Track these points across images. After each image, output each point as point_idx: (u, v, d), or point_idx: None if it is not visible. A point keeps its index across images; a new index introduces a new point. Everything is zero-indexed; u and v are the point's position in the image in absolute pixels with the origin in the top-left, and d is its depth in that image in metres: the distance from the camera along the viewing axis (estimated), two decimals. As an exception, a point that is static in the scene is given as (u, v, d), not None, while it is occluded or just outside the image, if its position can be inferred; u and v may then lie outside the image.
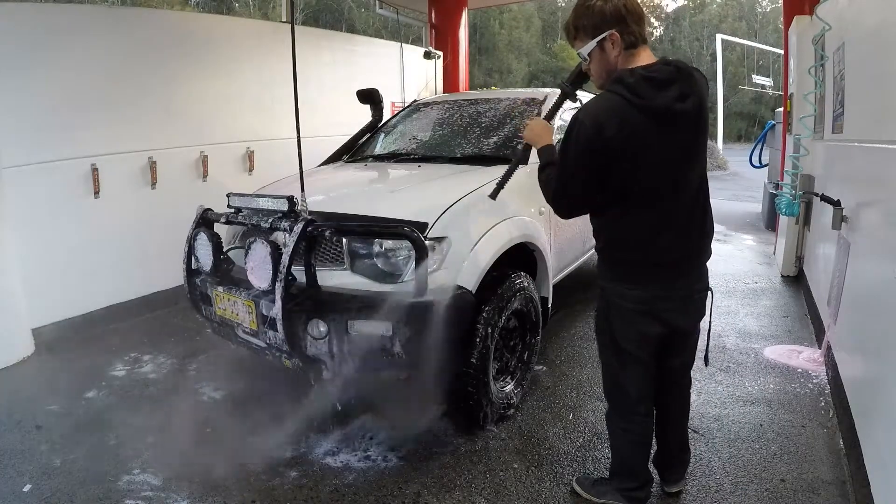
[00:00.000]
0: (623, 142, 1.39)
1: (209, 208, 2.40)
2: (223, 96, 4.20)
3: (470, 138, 3.05)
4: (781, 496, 1.91)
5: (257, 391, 2.74)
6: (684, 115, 1.41)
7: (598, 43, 1.47)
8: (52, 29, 3.22)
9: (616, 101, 1.40)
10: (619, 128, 1.38)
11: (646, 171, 1.43)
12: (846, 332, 2.44)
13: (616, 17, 1.43)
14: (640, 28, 1.45)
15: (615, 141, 1.39)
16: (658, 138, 1.40)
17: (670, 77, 1.41)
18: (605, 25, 1.44)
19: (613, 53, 1.46)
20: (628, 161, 1.42)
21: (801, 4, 4.26)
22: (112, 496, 1.98)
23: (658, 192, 1.47)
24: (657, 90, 1.39)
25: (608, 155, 1.41)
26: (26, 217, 3.17)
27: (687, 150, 1.47)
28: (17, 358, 3.11)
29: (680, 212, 1.50)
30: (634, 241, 1.53)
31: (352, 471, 2.09)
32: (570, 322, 3.54)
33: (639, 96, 1.38)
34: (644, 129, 1.39)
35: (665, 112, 1.39)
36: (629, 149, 1.40)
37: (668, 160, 1.44)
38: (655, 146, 1.41)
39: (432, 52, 6.43)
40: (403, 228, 1.90)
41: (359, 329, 1.93)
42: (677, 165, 1.47)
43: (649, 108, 1.38)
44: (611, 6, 1.44)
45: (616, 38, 1.44)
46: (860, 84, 2.48)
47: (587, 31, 1.48)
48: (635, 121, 1.38)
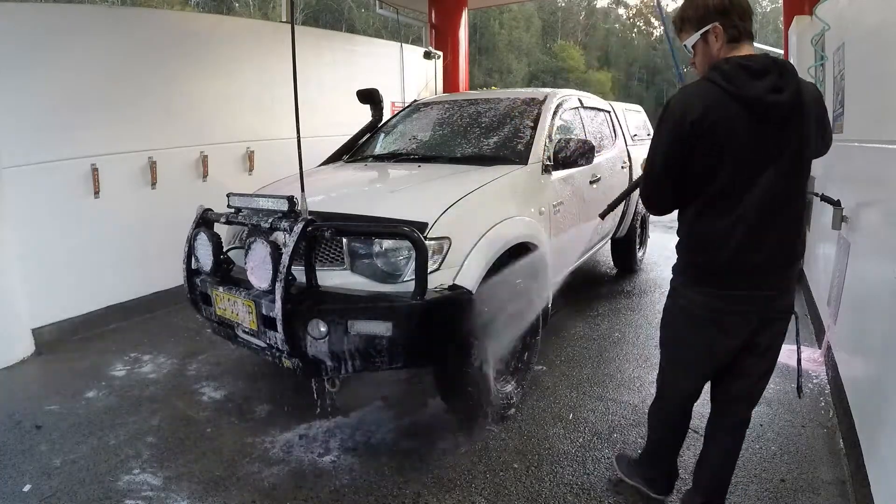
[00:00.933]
0: (708, 127, 1.37)
1: (209, 208, 2.40)
2: (223, 96, 4.21)
3: (470, 138, 3.05)
4: (781, 496, 1.91)
5: (257, 391, 2.75)
6: (776, 108, 1.36)
7: (701, 35, 1.47)
8: (52, 29, 3.22)
9: (707, 87, 1.40)
10: (705, 112, 1.36)
11: (728, 161, 1.38)
12: (846, 332, 2.44)
13: (720, 10, 1.44)
14: (743, 23, 1.44)
15: (699, 125, 1.37)
16: (746, 129, 1.37)
17: (766, 68, 1.37)
18: (710, 18, 1.45)
19: (716, 46, 1.45)
20: (711, 148, 1.38)
21: (801, 4, 4.27)
22: (112, 496, 1.98)
23: (736, 188, 1.40)
24: (751, 79, 1.36)
25: (691, 140, 1.39)
26: (26, 217, 3.17)
27: (775, 147, 1.38)
28: (17, 358, 3.11)
29: (756, 215, 1.40)
30: (704, 242, 1.48)
31: (352, 471, 2.09)
32: (570, 322, 3.55)
33: (732, 83, 1.36)
34: (732, 117, 1.36)
35: (756, 102, 1.35)
36: (713, 135, 1.37)
37: (754, 155, 1.39)
38: (742, 137, 1.37)
39: (432, 52, 6.44)
40: (403, 228, 1.90)
41: (359, 329, 1.92)
42: (762, 163, 1.39)
43: (741, 96, 1.35)
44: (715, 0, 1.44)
45: (719, 31, 1.44)
46: (860, 84, 2.48)
47: (692, 24, 1.49)
48: (724, 107, 1.36)
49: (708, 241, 1.47)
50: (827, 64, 3.24)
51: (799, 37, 4.09)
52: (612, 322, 3.57)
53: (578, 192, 3.15)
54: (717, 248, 1.45)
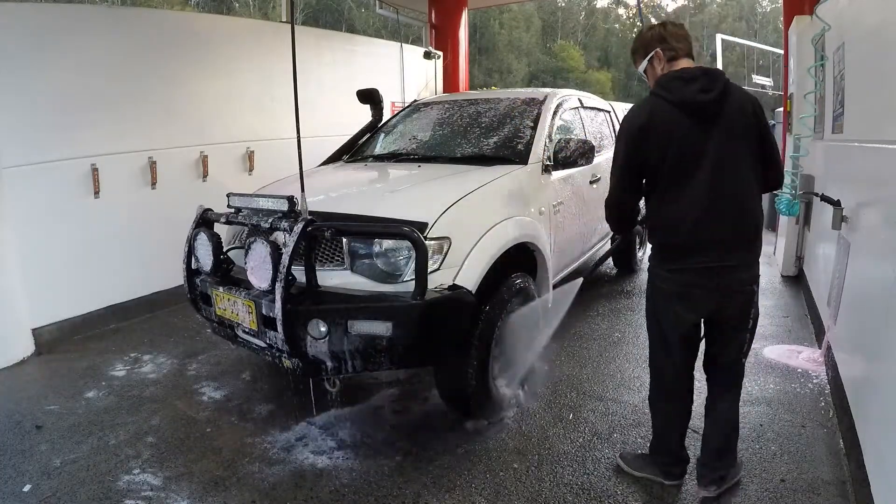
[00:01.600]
0: (652, 128, 1.66)
1: (209, 208, 2.40)
2: (223, 96, 4.21)
3: (470, 138, 3.05)
4: (781, 496, 1.91)
5: (257, 391, 2.75)
6: (705, 105, 1.64)
7: (648, 60, 1.80)
8: (52, 29, 3.22)
9: (650, 99, 1.73)
10: (650, 117, 1.67)
11: (673, 154, 1.65)
12: (846, 332, 2.44)
13: (658, 38, 1.77)
14: (679, 44, 1.76)
15: (645, 129, 1.67)
16: (686, 124, 1.65)
17: (695, 76, 1.68)
18: (652, 46, 1.78)
19: (659, 66, 1.78)
20: (658, 145, 1.66)
21: (801, 4, 4.27)
22: (112, 496, 1.98)
23: (684, 175, 1.66)
24: (684, 85, 1.67)
25: (641, 142, 1.68)
26: (26, 217, 3.17)
27: (710, 138, 1.65)
28: (17, 358, 3.11)
29: (706, 197, 1.65)
30: (667, 224, 1.73)
31: (352, 471, 2.09)
32: (570, 322, 3.54)
33: (668, 91, 1.68)
34: (672, 118, 1.65)
35: (689, 102, 1.65)
36: (658, 135, 1.66)
37: (693, 146, 1.65)
38: (683, 131, 1.65)
39: (432, 52, 6.43)
40: (403, 228, 1.90)
41: (359, 329, 1.92)
42: (701, 152, 1.65)
43: (676, 100, 1.66)
44: (654, 32, 1.80)
45: (660, 54, 1.77)
46: (860, 84, 2.48)
47: (640, 54, 1.83)
48: (665, 111, 1.66)
49: (670, 223, 1.72)
50: (827, 64, 3.24)
51: (799, 37, 4.09)
52: (612, 322, 3.57)
53: (578, 192, 3.15)
54: (677, 228, 1.69)
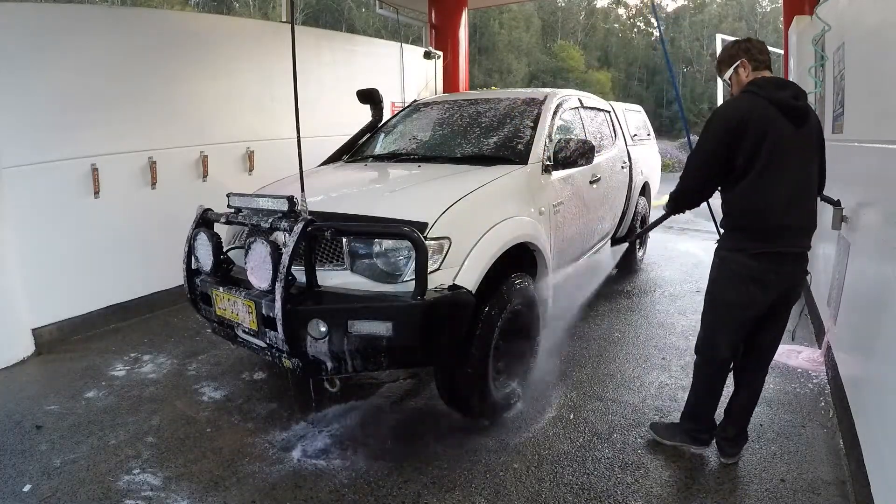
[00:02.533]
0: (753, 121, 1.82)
1: (209, 208, 2.40)
2: (223, 96, 4.21)
3: (470, 138, 3.05)
4: (781, 496, 1.91)
5: (257, 391, 2.75)
6: (797, 110, 1.85)
7: (734, 69, 1.99)
8: (52, 29, 3.22)
9: (747, 96, 1.89)
10: (749, 111, 1.83)
11: (767, 147, 1.81)
12: (846, 332, 2.44)
13: (744, 49, 1.98)
14: (762, 56, 1.98)
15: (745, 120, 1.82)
16: (779, 120, 1.82)
17: (787, 84, 1.94)
18: (738, 56, 1.99)
19: (744, 74, 1.98)
20: (755, 138, 1.82)
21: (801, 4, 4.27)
22: (112, 496, 1.98)
23: (775, 167, 1.83)
24: (778, 89, 1.87)
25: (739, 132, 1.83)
26: (26, 217, 3.17)
27: (798, 138, 1.85)
28: (17, 358, 3.11)
29: (790, 189, 1.84)
30: (755, 210, 1.87)
31: (352, 471, 2.09)
32: (570, 322, 3.54)
33: (765, 91, 1.86)
34: (768, 113, 1.82)
35: (784, 103, 1.84)
36: (756, 128, 1.81)
37: (785, 143, 1.82)
38: (776, 125, 1.82)
39: (432, 52, 6.43)
40: (403, 228, 1.90)
41: (359, 329, 1.92)
42: (790, 149, 1.84)
43: (772, 98, 1.84)
44: (742, 44, 2.01)
45: (746, 64, 1.97)
46: (860, 84, 2.48)
47: (726, 63, 2.02)
48: (762, 108, 1.83)
49: (758, 209, 1.86)
50: (827, 64, 3.24)
51: (799, 37, 4.09)
52: (612, 322, 3.57)
53: (578, 192, 3.15)
54: (765, 214, 1.86)
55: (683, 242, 5.78)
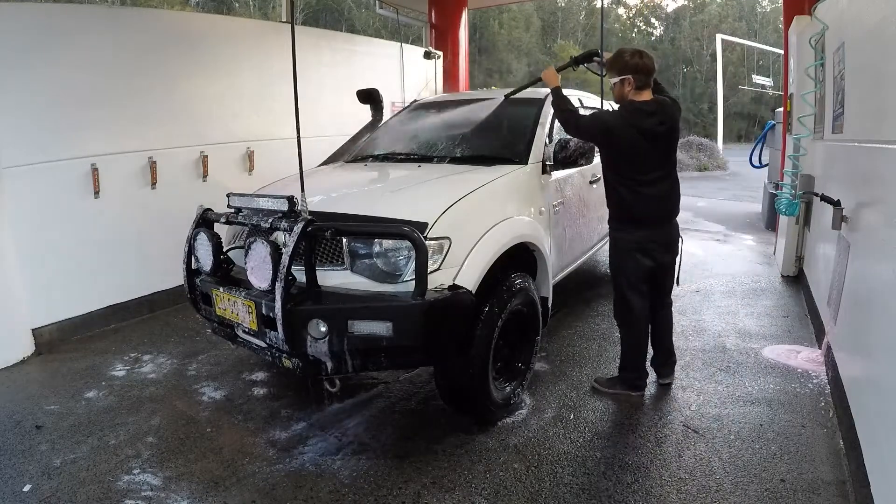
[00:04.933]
0: (617, 138, 2.35)
1: (209, 208, 2.40)
2: (223, 96, 4.20)
3: (470, 138, 3.05)
4: (781, 496, 1.91)
5: (257, 391, 2.75)
6: (660, 134, 2.36)
7: (620, 79, 2.37)
8: (52, 29, 3.22)
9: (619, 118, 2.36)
10: (616, 129, 2.35)
11: (636, 161, 2.37)
12: (846, 332, 2.44)
13: (633, 69, 2.34)
14: (647, 78, 2.37)
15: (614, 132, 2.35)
16: (641, 144, 2.34)
17: (655, 110, 2.35)
18: (626, 71, 2.35)
19: (626, 89, 2.37)
20: (620, 150, 2.37)
21: (801, 4, 4.26)
22: (112, 496, 1.98)
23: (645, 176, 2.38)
24: (646, 117, 2.33)
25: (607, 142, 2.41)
26: (26, 217, 3.17)
27: (657, 152, 2.39)
28: (17, 358, 3.11)
29: (657, 189, 2.40)
30: (636, 204, 2.40)
31: (351, 471, 2.09)
32: (570, 321, 3.55)
33: (633, 118, 2.33)
34: (633, 137, 2.33)
35: (648, 131, 2.33)
36: (621, 143, 2.35)
37: (647, 157, 2.37)
38: (639, 148, 2.34)
39: (432, 52, 6.43)
40: (403, 228, 1.90)
41: (359, 329, 1.92)
42: (653, 161, 2.39)
43: (638, 126, 2.32)
44: (635, 61, 2.34)
45: (631, 81, 2.35)
46: (860, 84, 2.48)
47: (616, 70, 2.38)
48: (628, 132, 2.33)
49: (633, 203, 2.41)
50: (827, 64, 3.23)
51: (799, 37, 4.08)
52: (612, 322, 3.53)
53: (578, 191, 3.15)
54: (639, 206, 2.41)
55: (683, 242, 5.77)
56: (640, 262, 2.45)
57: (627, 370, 2.62)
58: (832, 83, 3.05)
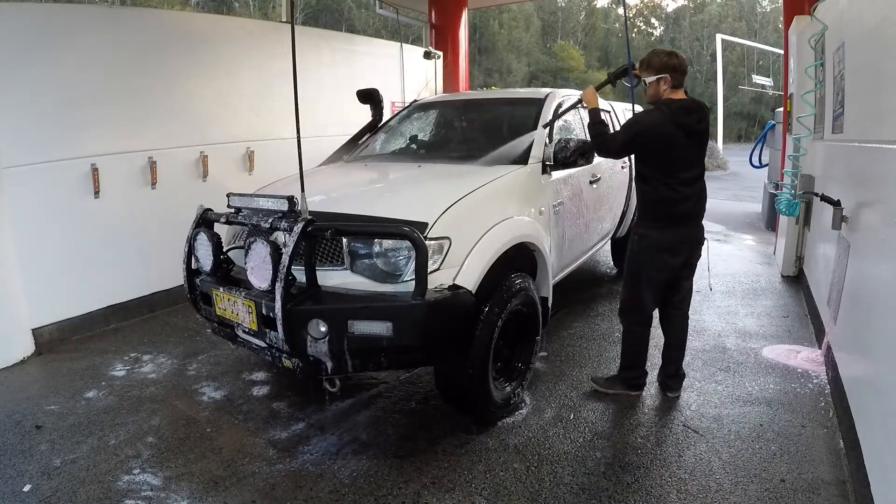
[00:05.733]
0: (659, 135, 2.29)
1: (209, 208, 2.40)
2: (223, 96, 4.20)
3: (470, 138, 3.05)
4: (781, 496, 1.91)
5: (257, 391, 2.75)
6: (699, 132, 2.35)
7: (656, 78, 2.34)
8: (52, 29, 3.21)
9: (659, 115, 2.31)
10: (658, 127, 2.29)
11: (674, 157, 2.34)
12: (846, 332, 2.44)
13: (671, 68, 2.32)
14: (682, 78, 2.36)
15: (654, 131, 2.30)
16: (682, 141, 2.30)
17: (695, 108, 2.34)
18: (664, 70, 2.33)
19: (663, 87, 2.35)
20: (662, 147, 2.31)
21: (801, 4, 4.26)
22: (112, 496, 1.98)
23: (682, 173, 2.35)
24: (686, 114, 2.30)
25: (648, 141, 2.32)
26: (26, 217, 3.17)
27: (696, 151, 2.39)
28: (17, 358, 3.11)
29: (692, 188, 2.38)
30: (668, 202, 2.36)
31: (351, 471, 2.09)
32: (570, 321, 3.55)
33: (676, 115, 2.29)
34: (674, 134, 2.29)
35: (688, 128, 2.30)
36: (663, 140, 2.29)
37: (687, 155, 2.35)
38: (679, 145, 2.31)
39: (432, 52, 6.43)
40: (403, 228, 1.90)
41: (359, 329, 1.92)
42: (692, 159, 2.38)
43: (681, 123, 2.28)
44: (672, 61, 2.33)
45: (668, 80, 2.33)
46: (860, 84, 2.48)
47: (653, 69, 2.35)
48: (670, 128, 2.28)
49: (671, 201, 2.36)
50: (827, 64, 3.23)
51: (799, 37, 4.09)
52: (612, 322, 3.56)
53: (578, 192, 3.15)
54: (676, 205, 2.37)
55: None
56: (668, 262, 2.42)
57: (629, 369, 2.60)
58: (832, 83, 3.05)
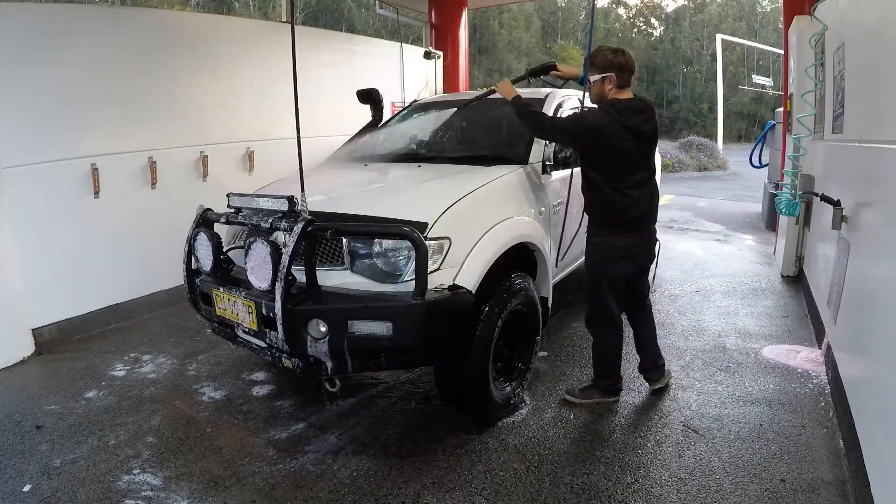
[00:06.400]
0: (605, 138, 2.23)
1: (209, 208, 2.40)
2: (223, 96, 4.20)
3: (470, 138, 3.05)
4: (781, 496, 1.91)
5: (257, 391, 2.75)
6: (647, 133, 2.30)
7: (601, 77, 2.28)
8: (52, 28, 3.21)
9: (606, 116, 2.25)
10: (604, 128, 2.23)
11: (622, 160, 2.28)
12: (846, 332, 2.44)
13: (617, 66, 2.26)
14: (629, 77, 2.29)
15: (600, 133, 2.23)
16: (630, 143, 2.25)
17: (642, 108, 2.29)
18: (609, 69, 2.26)
19: (608, 87, 2.29)
20: (609, 150, 2.26)
21: (801, 4, 4.26)
22: (112, 496, 1.98)
23: (629, 176, 2.30)
24: (633, 114, 2.25)
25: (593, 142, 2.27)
26: (26, 217, 3.17)
27: (643, 152, 2.32)
28: (17, 358, 3.11)
29: (642, 190, 2.33)
30: (622, 206, 2.30)
31: (352, 471, 2.09)
32: (570, 321, 3.55)
33: (622, 116, 2.23)
34: (622, 136, 2.23)
35: (636, 129, 2.25)
36: (611, 143, 2.23)
37: (634, 157, 2.29)
38: (627, 147, 2.25)
39: (432, 52, 6.43)
40: (403, 228, 1.90)
41: (359, 329, 1.92)
42: (638, 161, 2.32)
43: (627, 125, 2.23)
44: (618, 59, 2.26)
45: (613, 79, 2.27)
46: (860, 84, 2.47)
47: (597, 68, 2.29)
48: (617, 130, 2.22)
49: (622, 206, 2.30)
50: (827, 64, 3.23)
51: (799, 37, 4.08)
52: (612, 322, 3.56)
53: (578, 192, 3.14)
54: (628, 209, 2.31)
55: (683, 242, 5.78)
56: (624, 268, 2.37)
57: (604, 377, 2.54)
58: (832, 83, 3.05)
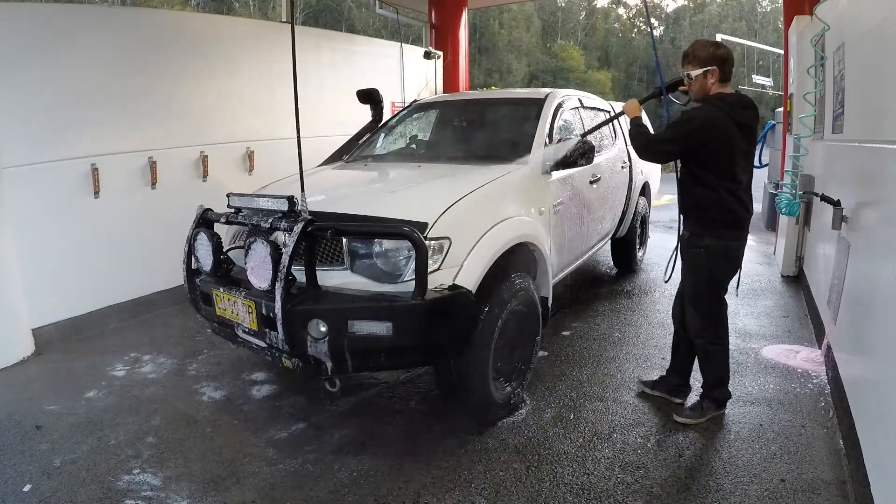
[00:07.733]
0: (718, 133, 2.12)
1: (209, 208, 2.40)
2: (223, 96, 4.20)
3: (470, 138, 3.05)
4: (781, 496, 1.91)
5: (257, 391, 2.75)
6: (753, 129, 2.22)
7: (703, 71, 2.17)
8: (52, 29, 3.21)
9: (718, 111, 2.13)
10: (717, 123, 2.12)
11: (732, 157, 2.16)
12: (846, 332, 2.43)
13: (719, 59, 2.16)
14: (731, 70, 2.20)
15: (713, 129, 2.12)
16: (739, 140, 2.15)
17: (749, 103, 2.20)
18: (711, 62, 2.16)
19: (710, 82, 2.19)
20: (722, 146, 2.14)
21: (801, 4, 4.27)
22: (112, 496, 1.98)
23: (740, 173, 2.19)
24: (743, 110, 2.16)
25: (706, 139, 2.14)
26: (26, 217, 3.17)
27: (750, 150, 2.24)
28: (17, 358, 3.11)
29: (747, 188, 2.24)
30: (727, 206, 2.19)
31: (351, 471, 2.09)
32: (570, 321, 3.55)
33: (734, 111, 2.13)
34: (732, 130, 2.13)
35: (745, 124, 2.15)
36: (724, 138, 2.12)
37: (742, 153, 2.18)
38: (738, 144, 2.15)
39: (432, 52, 6.43)
40: (403, 228, 1.90)
41: (359, 329, 1.92)
42: (745, 158, 2.20)
43: (738, 120, 2.13)
44: (720, 51, 2.17)
45: (716, 73, 2.17)
46: (860, 84, 2.47)
47: (698, 62, 2.18)
48: (729, 125, 2.12)
49: (740, 205, 2.20)
50: (827, 64, 3.23)
51: (799, 37, 4.09)
52: (612, 322, 3.57)
53: (578, 192, 3.15)
54: (737, 209, 2.19)
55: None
56: (729, 273, 2.30)
57: (719, 385, 2.38)
58: (832, 83, 3.05)
